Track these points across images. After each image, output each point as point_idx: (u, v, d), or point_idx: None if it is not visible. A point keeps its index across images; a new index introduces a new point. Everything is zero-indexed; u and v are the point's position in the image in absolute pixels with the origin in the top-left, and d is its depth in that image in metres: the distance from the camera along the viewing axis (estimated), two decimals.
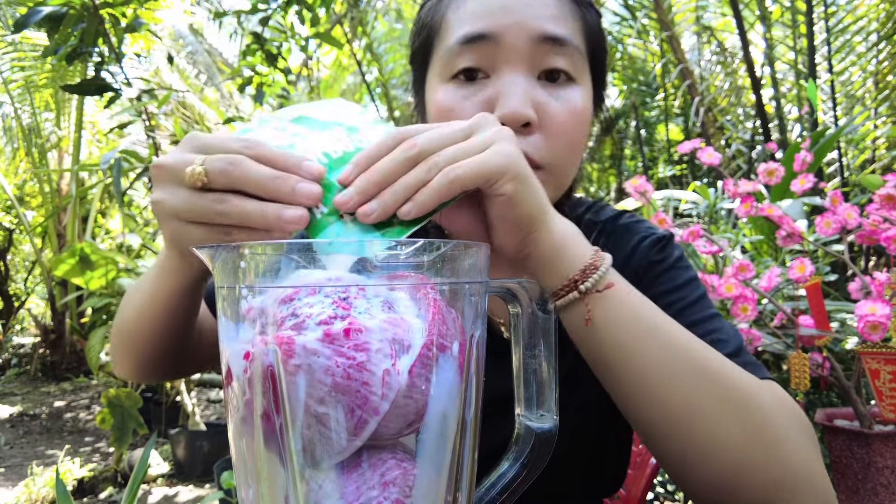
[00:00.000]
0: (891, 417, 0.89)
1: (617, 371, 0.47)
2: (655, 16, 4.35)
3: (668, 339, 0.47)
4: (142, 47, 3.20)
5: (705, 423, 0.45)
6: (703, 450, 0.45)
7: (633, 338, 0.46)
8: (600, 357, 0.48)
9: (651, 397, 0.46)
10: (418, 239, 0.34)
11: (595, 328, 0.47)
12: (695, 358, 0.47)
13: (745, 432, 0.45)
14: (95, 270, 2.83)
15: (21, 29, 2.15)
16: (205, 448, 3.26)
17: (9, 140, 5.82)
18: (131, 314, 0.61)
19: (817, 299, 1.04)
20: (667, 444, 0.47)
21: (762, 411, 0.46)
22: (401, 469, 0.34)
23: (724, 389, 0.46)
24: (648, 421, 0.47)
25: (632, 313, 0.47)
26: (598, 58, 0.64)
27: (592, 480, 0.71)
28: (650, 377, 0.46)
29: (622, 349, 0.46)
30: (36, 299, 7.31)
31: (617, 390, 0.48)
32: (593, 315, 0.46)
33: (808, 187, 1.10)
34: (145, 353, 0.63)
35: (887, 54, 3.31)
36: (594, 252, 0.48)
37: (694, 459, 0.46)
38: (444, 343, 0.34)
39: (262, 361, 0.32)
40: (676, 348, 0.47)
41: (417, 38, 0.66)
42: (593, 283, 0.46)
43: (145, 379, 0.70)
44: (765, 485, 0.45)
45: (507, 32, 0.56)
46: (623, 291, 0.48)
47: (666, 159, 4.92)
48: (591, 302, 0.46)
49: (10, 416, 4.68)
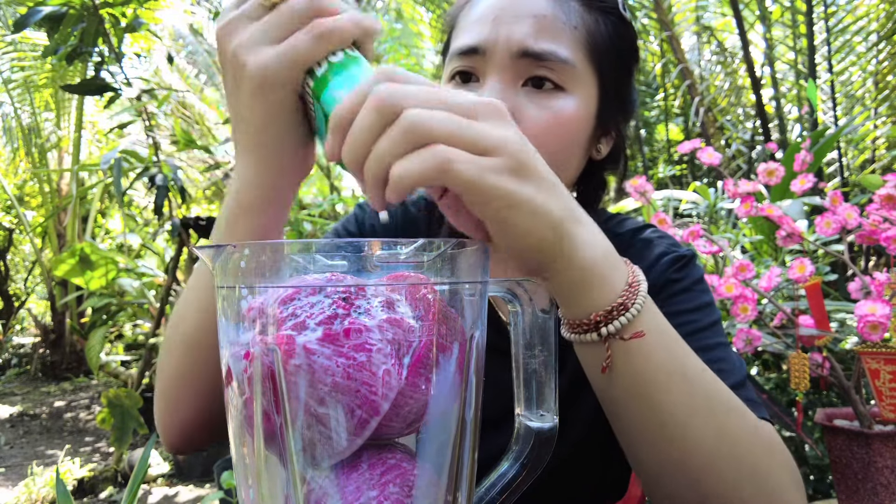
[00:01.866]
0: (891, 417, 0.89)
1: (629, 416, 0.44)
2: (655, 16, 4.35)
3: (691, 381, 0.43)
4: (142, 47, 3.20)
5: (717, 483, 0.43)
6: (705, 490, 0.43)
7: (654, 389, 0.42)
8: (611, 401, 0.45)
9: (662, 442, 0.43)
10: (418, 238, 0.34)
11: (613, 376, 0.42)
12: (713, 398, 0.43)
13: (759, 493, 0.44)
14: (95, 270, 2.83)
15: (21, 29, 2.15)
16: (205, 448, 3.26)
17: (9, 140, 5.82)
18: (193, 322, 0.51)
19: (817, 299, 1.04)
20: (664, 483, 0.45)
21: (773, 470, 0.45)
22: (401, 469, 0.34)
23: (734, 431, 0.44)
24: (650, 459, 0.45)
25: (657, 366, 0.41)
26: (611, 63, 0.62)
27: (597, 488, 0.71)
28: (666, 427, 0.42)
29: (639, 400, 0.42)
30: (36, 299, 7.31)
31: (623, 429, 0.46)
32: (613, 363, 0.41)
33: (808, 187, 1.10)
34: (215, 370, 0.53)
35: (887, 54, 3.31)
36: (626, 286, 0.40)
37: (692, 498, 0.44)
38: (444, 343, 0.34)
39: (263, 361, 0.32)
40: (697, 390, 0.43)
41: (445, 30, 0.70)
42: (617, 328, 0.40)
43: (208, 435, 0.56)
44: None
45: (492, 46, 0.59)
46: (653, 340, 0.41)
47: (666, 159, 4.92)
48: (612, 348, 0.41)
49: (10, 416, 4.68)
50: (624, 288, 0.40)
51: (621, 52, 0.64)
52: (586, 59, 0.60)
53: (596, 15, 0.61)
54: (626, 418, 0.44)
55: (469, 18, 0.62)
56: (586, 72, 0.60)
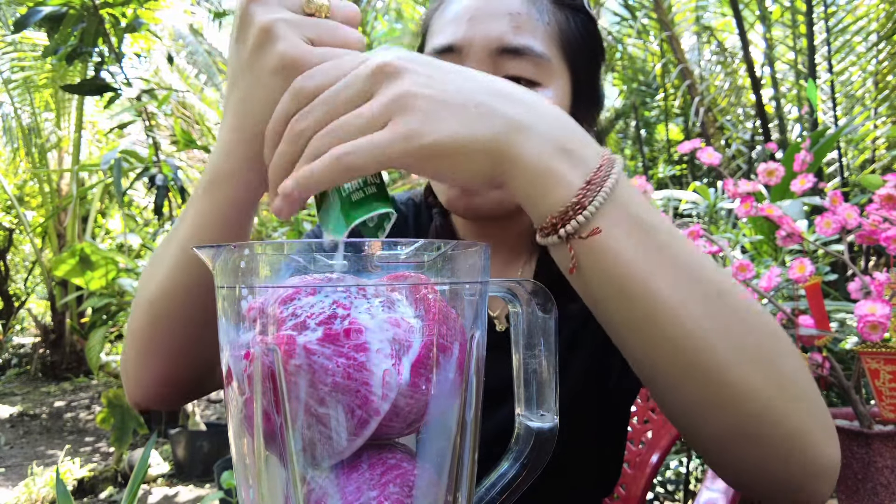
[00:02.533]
0: (891, 417, 0.89)
1: (609, 317, 0.42)
2: (655, 16, 4.35)
3: (680, 269, 0.40)
4: (142, 47, 3.20)
5: (724, 367, 0.39)
6: (724, 396, 0.40)
7: (629, 284, 0.39)
8: (589, 301, 0.42)
9: (659, 339, 0.40)
10: (418, 239, 0.34)
11: (580, 275, 0.40)
12: (712, 288, 0.40)
13: (768, 377, 0.40)
14: (95, 270, 2.83)
15: (21, 29, 2.16)
16: (205, 448, 3.26)
17: (9, 140, 5.82)
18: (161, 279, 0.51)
19: (817, 299, 1.04)
20: (680, 392, 0.42)
21: (782, 353, 0.41)
22: (401, 469, 0.34)
23: (744, 327, 0.40)
24: (657, 367, 0.42)
25: (628, 260, 0.39)
26: (582, 57, 0.65)
27: (590, 484, 0.71)
28: (659, 319, 0.39)
29: (618, 297, 0.40)
30: (36, 299, 7.31)
31: (616, 336, 0.43)
32: (580, 263, 0.40)
33: (808, 187, 1.10)
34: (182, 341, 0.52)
35: (887, 54, 3.31)
36: (584, 183, 0.38)
37: (713, 408, 0.41)
38: (445, 343, 0.34)
39: (263, 361, 0.32)
40: (692, 279, 0.40)
41: (420, 34, 0.71)
42: (575, 228, 0.38)
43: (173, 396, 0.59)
44: (791, 436, 0.41)
45: (469, 45, 0.60)
46: (620, 234, 0.39)
47: (666, 159, 4.92)
48: (574, 247, 0.39)
49: (10, 416, 4.68)
50: (581, 186, 0.38)
51: (590, 48, 0.66)
52: (559, 54, 0.62)
53: (566, 12, 0.64)
54: (611, 317, 0.42)
55: (443, 19, 0.64)
56: (560, 67, 0.63)
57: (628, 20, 4.75)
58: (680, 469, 1.93)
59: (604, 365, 0.67)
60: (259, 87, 0.43)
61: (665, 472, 1.95)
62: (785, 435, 0.41)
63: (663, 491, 1.94)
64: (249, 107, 0.44)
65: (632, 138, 5.95)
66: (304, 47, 0.41)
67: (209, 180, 0.48)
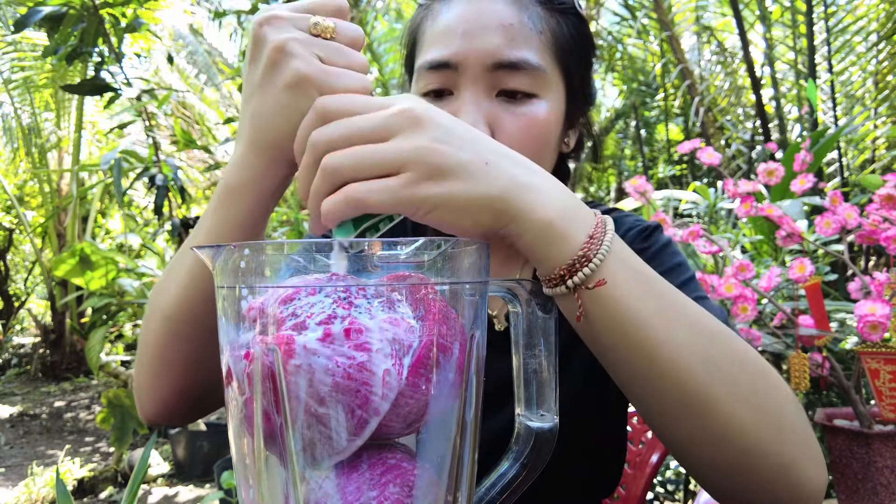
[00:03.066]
0: (891, 417, 0.89)
1: (613, 363, 0.45)
2: (655, 16, 4.35)
3: (676, 319, 0.43)
4: (142, 47, 3.20)
5: (719, 407, 0.43)
6: (719, 434, 0.43)
7: (632, 331, 0.42)
8: (595, 348, 0.45)
9: (660, 384, 0.43)
10: (418, 238, 0.34)
11: (587, 324, 0.43)
12: (705, 335, 0.44)
13: (759, 415, 0.43)
14: (95, 270, 2.83)
15: (21, 29, 2.16)
16: (205, 448, 3.26)
17: (9, 140, 5.82)
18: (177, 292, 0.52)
19: (817, 299, 1.04)
20: (678, 430, 0.45)
21: (768, 390, 0.45)
22: (401, 469, 0.34)
23: (736, 369, 0.44)
24: (655, 407, 0.45)
25: (630, 307, 0.42)
26: (575, 59, 0.65)
27: (589, 484, 0.71)
28: (660, 365, 0.42)
29: (623, 343, 0.43)
30: (36, 299, 7.31)
31: (621, 380, 0.46)
32: (586, 311, 0.42)
33: (808, 187, 1.10)
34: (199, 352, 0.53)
35: (887, 54, 3.31)
36: (588, 238, 0.42)
37: (708, 445, 0.44)
38: (445, 343, 0.34)
39: (263, 361, 0.32)
40: (687, 328, 0.43)
41: (406, 44, 0.70)
42: (582, 279, 0.41)
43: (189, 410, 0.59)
44: (780, 467, 0.44)
45: (465, 60, 0.60)
46: (622, 283, 0.42)
47: (666, 159, 4.92)
48: (582, 297, 0.42)
49: (10, 416, 4.68)
50: (584, 241, 0.42)
51: (582, 48, 0.66)
52: (553, 61, 0.62)
53: (557, 17, 0.63)
54: (616, 361, 0.45)
55: (434, 31, 0.63)
56: (554, 74, 0.63)
57: (628, 20, 4.76)
58: (680, 469, 1.93)
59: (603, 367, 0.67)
60: (272, 101, 0.45)
61: (665, 472, 1.95)
62: (774, 466, 0.44)
63: (663, 491, 1.94)
64: (263, 121, 0.46)
65: (632, 138, 5.95)
66: (317, 64, 0.44)
67: (224, 192, 0.50)
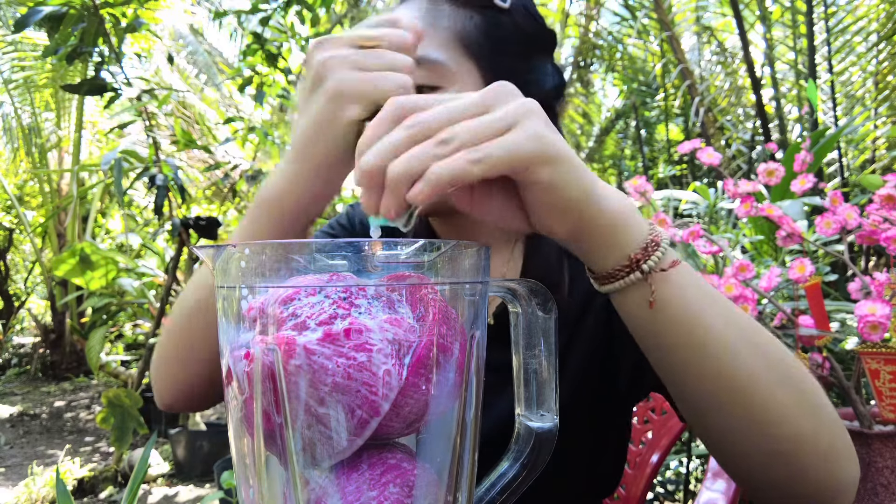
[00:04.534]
0: (891, 417, 0.89)
1: (679, 349, 0.45)
2: (655, 16, 4.35)
3: (727, 310, 0.45)
4: (142, 47, 3.20)
5: (763, 393, 0.44)
6: (762, 420, 0.44)
7: (697, 313, 0.44)
8: (662, 337, 0.46)
9: (712, 370, 0.44)
10: (418, 239, 0.34)
11: (659, 309, 0.44)
12: (750, 328, 0.46)
13: (798, 403, 0.45)
14: (95, 270, 2.83)
15: (21, 29, 2.15)
16: (205, 448, 3.26)
17: (9, 140, 5.82)
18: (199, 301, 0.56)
19: (817, 299, 1.04)
20: (723, 418, 0.46)
21: (805, 381, 0.46)
22: (401, 469, 0.34)
23: (777, 358, 0.45)
24: (705, 395, 0.46)
25: (695, 289, 0.44)
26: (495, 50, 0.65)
27: (589, 484, 0.71)
28: (713, 350, 0.44)
29: (686, 327, 0.44)
30: (36, 299, 7.31)
31: (675, 367, 0.47)
32: (658, 296, 0.43)
33: (808, 187, 1.10)
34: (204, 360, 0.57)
35: (887, 54, 3.31)
36: (650, 227, 0.44)
37: (754, 431, 0.45)
38: (445, 343, 0.34)
39: (263, 362, 0.32)
40: (736, 319, 0.45)
41: None
42: (656, 261, 0.43)
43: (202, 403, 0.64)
44: (817, 455, 0.45)
45: None
46: (684, 267, 0.45)
47: (666, 159, 4.92)
48: (654, 282, 0.43)
49: (10, 416, 4.68)
50: (649, 230, 0.44)
51: (501, 39, 0.66)
52: (461, 54, 0.63)
53: (469, 11, 0.64)
54: (675, 354, 0.45)
55: None
56: (463, 66, 0.63)
57: (628, 20, 4.76)
58: (680, 469, 1.93)
59: (604, 368, 0.67)
60: (314, 115, 0.49)
61: (665, 472, 1.95)
62: (813, 454, 0.45)
63: (663, 491, 1.94)
64: (304, 135, 0.50)
65: (632, 138, 5.95)
66: (354, 75, 0.47)
67: (258, 203, 0.53)
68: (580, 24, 5.54)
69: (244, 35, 3.51)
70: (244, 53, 2.78)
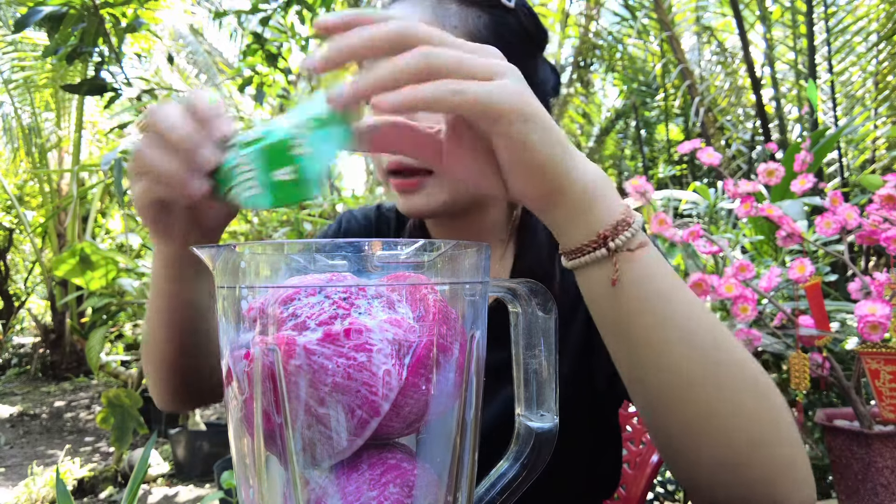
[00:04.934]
0: (891, 417, 0.89)
1: (634, 333, 0.44)
2: (655, 16, 4.35)
3: (691, 304, 0.44)
4: (142, 47, 3.20)
5: (721, 392, 0.43)
6: (717, 423, 0.43)
7: (657, 299, 0.43)
8: (619, 318, 0.45)
9: (668, 360, 0.43)
10: (418, 239, 0.34)
11: (620, 289, 0.43)
12: (714, 327, 0.45)
13: (757, 410, 0.43)
14: (95, 270, 2.83)
15: (21, 29, 2.15)
16: (205, 448, 3.26)
17: (9, 140, 5.82)
18: (148, 332, 0.62)
19: (817, 299, 1.04)
20: (676, 413, 0.44)
21: (770, 393, 0.45)
22: (401, 469, 0.34)
23: (738, 356, 0.44)
24: (659, 388, 0.44)
25: (661, 277, 0.44)
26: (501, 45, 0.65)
27: (589, 484, 0.71)
28: (670, 339, 0.43)
29: (647, 314, 0.43)
30: (36, 299, 7.31)
31: (629, 353, 0.46)
32: (621, 276, 0.43)
33: (808, 187, 1.10)
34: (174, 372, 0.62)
35: (887, 54, 3.31)
36: (626, 208, 0.43)
37: (706, 430, 0.43)
38: (445, 343, 0.34)
39: (263, 362, 0.32)
40: (699, 314, 0.44)
41: None
42: (624, 241, 0.42)
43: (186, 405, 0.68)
44: (772, 470, 0.43)
45: None
46: (653, 252, 0.44)
47: (666, 159, 4.92)
48: (620, 261, 0.42)
49: (10, 416, 4.68)
50: (622, 209, 0.43)
51: (508, 38, 0.66)
52: None
53: (476, 10, 0.64)
54: (628, 332, 0.44)
55: None
56: None
57: (628, 20, 4.76)
58: None
59: (590, 366, 0.67)
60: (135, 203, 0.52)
61: (665, 472, 1.95)
62: (774, 464, 0.43)
63: (663, 491, 1.94)
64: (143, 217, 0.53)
65: (632, 138, 5.95)
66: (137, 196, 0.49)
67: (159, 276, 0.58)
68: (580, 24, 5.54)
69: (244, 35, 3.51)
70: (244, 53, 2.77)
